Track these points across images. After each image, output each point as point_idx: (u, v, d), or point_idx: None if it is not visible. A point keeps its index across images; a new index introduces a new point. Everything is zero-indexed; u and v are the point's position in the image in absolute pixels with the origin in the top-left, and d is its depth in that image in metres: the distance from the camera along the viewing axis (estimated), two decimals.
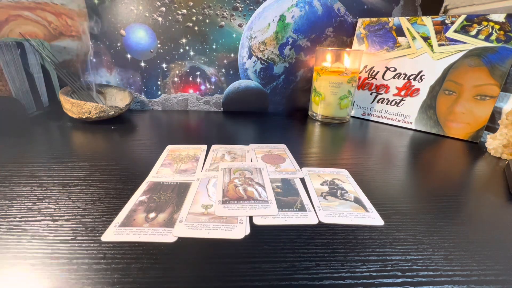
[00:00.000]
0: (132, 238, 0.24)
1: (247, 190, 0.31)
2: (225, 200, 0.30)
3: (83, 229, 0.25)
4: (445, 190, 0.34)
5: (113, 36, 0.60)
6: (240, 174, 0.35)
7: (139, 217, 0.27)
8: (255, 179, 0.34)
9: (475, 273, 0.22)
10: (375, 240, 0.25)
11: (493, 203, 0.32)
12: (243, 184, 0.33)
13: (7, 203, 0.28)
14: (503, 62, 0.47)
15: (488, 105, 0.50)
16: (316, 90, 0.62)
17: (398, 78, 0.59)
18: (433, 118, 0.56)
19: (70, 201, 0.29)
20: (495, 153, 0.46)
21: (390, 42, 0.59)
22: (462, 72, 0.52)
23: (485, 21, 0.49)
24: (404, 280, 0.21)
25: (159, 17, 0.60)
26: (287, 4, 0.61)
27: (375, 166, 0.40)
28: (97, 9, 0.58)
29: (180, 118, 0.62)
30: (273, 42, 0.64)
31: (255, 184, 0.33)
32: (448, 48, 0.53)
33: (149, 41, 0.61)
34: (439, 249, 0.24)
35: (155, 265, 0.21)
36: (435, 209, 0.30)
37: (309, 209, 0.29)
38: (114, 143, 0.46)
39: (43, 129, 0.50)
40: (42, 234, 0.24)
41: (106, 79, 0.63)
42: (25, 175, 0.33)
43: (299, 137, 0.53)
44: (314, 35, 0.64)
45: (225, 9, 0.60)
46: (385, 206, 0.30)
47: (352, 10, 0.64)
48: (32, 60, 0.56)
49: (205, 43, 0.62)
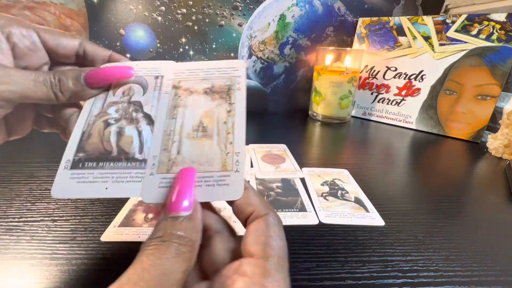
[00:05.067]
0: (132, 238, 0.24)
1: (124, 136, 0.18)
2: (79, 158, 0.17)
3: (82, 229, 0.25)
4: (446, 191, 0.34)
5: (112, 36, 0.60)
6: (125, 94, 0.20)
7: (139, 217, 0.26)
8: (146, 105, 0.19)
9: (476, 274, 0.22)
10: (376, 240, 0.25)
11: (494, 204, 0.32)
12: (121, 120, 0.19)
13: (6, 203, 0.28)
14: (504, 62, 0.47)
15: (489, 105, 0.50)
16: (316, 90, 0.62)
17: (399, 77, 0.59)
18: (434, 118, 0.56)
19: (69, 202, 0.29)
20: (496, 153, 0.46)
21: (390, 41, 0.59)
22: (463, 71, 0.51)
23: (486, 21, 0.48)
24: (404, 280, 0.21)
25: (158, 17, 0.59)
26: (287, 3, 0.61)
27: (375, 166, 0.40)
28: (96, 9, 0.58)
29: None
30: (273, 41, 0.64)
31: (140, 120, 0.19)
32: (449, 47, 0.52)
33: (149, 40, 0.61)
34: (440, 250, 0.24)
35: None
36: (436, 210, 0.30)
37: (309, 210, 0.29)
38: None
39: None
40: (41, 234, 0.24)
41: None
42: (24, 175, 0.33)
43: (299, 137, 0.52)
44: (315, 35, 0.64)
45: (225, 8, 0.60)
46: (386, 207, 0.30)
47: (352, 9, 0.64)
48: None
49: (204, 42, 0.62)
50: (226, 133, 0.18)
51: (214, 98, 0.19)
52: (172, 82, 0.20)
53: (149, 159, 0.17)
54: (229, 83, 0.20)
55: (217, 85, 0.20)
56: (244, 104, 0.19)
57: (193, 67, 0.20)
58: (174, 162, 0.17)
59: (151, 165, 0.17)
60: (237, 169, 0.17)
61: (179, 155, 0.17)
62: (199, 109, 0.19)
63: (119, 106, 0.19)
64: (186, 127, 0.18)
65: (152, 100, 0.19)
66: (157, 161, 0.17)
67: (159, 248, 0.13)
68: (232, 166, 0.17)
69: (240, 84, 0.19)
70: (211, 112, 0.19)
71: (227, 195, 0.16)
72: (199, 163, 0.17)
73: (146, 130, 0.18)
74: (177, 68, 0.21)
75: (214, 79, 0.20)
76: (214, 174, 0.17)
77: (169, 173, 0.17)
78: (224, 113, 0.18)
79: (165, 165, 0.17)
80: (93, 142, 0.18)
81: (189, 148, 0.17)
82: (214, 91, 0.19)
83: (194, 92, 0.19)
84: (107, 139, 0.18)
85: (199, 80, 0.20)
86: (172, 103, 0.19)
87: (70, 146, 0.18)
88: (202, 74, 0.20)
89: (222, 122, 0.18)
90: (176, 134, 0.18)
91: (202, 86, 0.20)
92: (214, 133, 0.18)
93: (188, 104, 0.19)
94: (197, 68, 0.20)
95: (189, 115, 0.19)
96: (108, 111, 0.19)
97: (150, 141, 0.18)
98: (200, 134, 0.18)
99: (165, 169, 0.17)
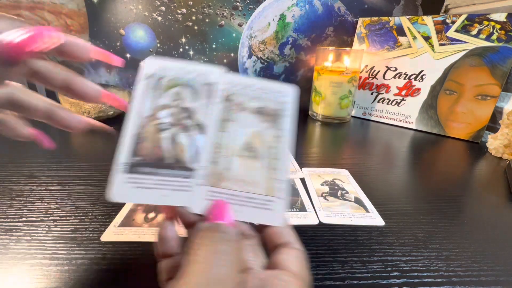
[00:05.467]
0: (132, 238, 0.24)
1: (176, 144, 0.18)
2: (135, 162, 0.17)
3: (82, 229, 0.25)
4: (446, 191, 0.34)
5: (112, 36, 0.60)
6: (175, 96, 0.19)
7: (139, 217, 0.26)
8: (198, 113, 0.19)
9: (475, 274, 0.22)
10: (376, 240, 0.25)
11: (494, 204, 0.32)
12: (174, 126, 0.18)
13: (6, 204, 0.28)
14: (504, 62, 0.47)
15: (489, 105, 0.50)
16: (316, 90, 0.62)
17: (399, 77, 0.59)
18: (434, 118, 0.56)
19: (69, 202, 0.29)
20: (496, 153, 0.46)
21: (390, 41, 0.59)
22: (463, 71, 0.51)
23: (486, 21, 0.48)
24: (404, 281, 0.21)
25: (158, 17, 0.59)
26: (287, 3, 0.61)
27: (375, 166, 0.40)
28: (96, 9, 0.58)
29: None
30: (273, 41, 0.64)
31: (191, 128, 0.18)
32: (449, 47, 0.52)
33: (149, 40, 0.61)
34: (440, 250, 0.24)
35: (155, 265, 0.21)
36: (436, 210, 0.30)
37: (309, 210, 0.29)
38: (114, 143, 0.46)
39: (42, 129, 0.50)
40: (41, 234, 0.24)
41: (105, 79, 0.63)
42: (24, 175, 0.33)
43: (299, 137, 0.52)
44: (315, 35, 0.64)
45: (225, 8, 0.60)
46: (386, 207, 0.30)
47: (352, 9, 0.64)
48: None
49: (204, 42, 0.62)
50: (273, 158, 0.18)
51: (264, 120, 0.19)
52: (224, 93, 0.19)
53: (199, 169, 0.18)
54: (279, 108, 0.19)
55: (268, 107, 0.19)
56: (290, 131, 0.19)
57: (245, 83, 0.20)
58: (222, 176, 0.18)
59: (200, 176, 0.17)
60: (280, 196, 0.17)
61: (227, 171, 0.18)
62: (249, 128, 0.19)
63: (170, 111, 0.18)
64: (235, 143, 0.18)
65: (204, 109, 0.19)
66: (206, 173, 0.18)
67: (211, 250, 0.14)
68: (276, 192, 0.18)
69: (288, 110, 0.19)
70: (260, 134, 0.19)
71: (268, 219, 0.17)
72: (245, 183, 0.18)
73: (197, 139, 0.18)
74: (228, 79, 0.20)
75: (265, 100, 0.20)
76: (259, 196, 0.17)
77: (217, 187, 0.17)
78: (272, 138, 0.19)
79: (213, 178, 0.18)
80: (147, 146, 0.18)
81: (237, 165, 0.18)
82: (264, 112, 0.19)
83: (245, 109, 0.19)
84: (160, 145, 0.18)
85: (250, 98, 0.19)
86: (223, 115, 0.19)
87: (123, 148, 0.17)
88: (252, 93, 0.20)
89: (269, 146, 0.19)
90: (225, 149, 0.18)
91: (253, 104, 0.19)
92: (262, 156, 0.18)
93: (239, 120, 0.19)
94: (248, 85, 0.20)
95: (239, 132, 0.19)
96: (160, 114, 0.18)
97: (201, 151, 0.18)
98: (248, 154, 0.18)
99: (213, 182, 0.17)
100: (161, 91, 0.19)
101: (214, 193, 0.17)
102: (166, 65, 0.19)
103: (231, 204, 0.17)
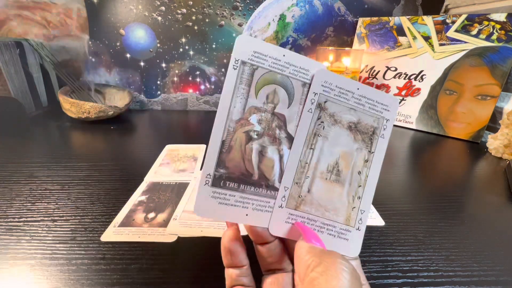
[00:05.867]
0: (132, 238, 0.24)
1: (265, 158, 0.16)
2: (220, 175, 0.16)
3: (82, 229, 0.25)
4: (446, 190, 0.34)
5: (112, 36, 0.60)
6: (269, 98, 0.16)
7: (139, 217, 0.26)
8: (290, 122, 0.17)
9: (476, 274, 0.22)
10: (376, 240, 0.25)
11: (494, 203, 0.32)
12: (263, 136, 0.16)
13: (6, 204, 0.28)
14: (504, 62, 0.47)
15: (489, 105, 0.50)
16: None
17: (398, 77, 0.59)
18: (434, 118, 0.56)
19: (69, 202, 0.29)
20: (496, 153, 0.46)
21: (390, 41, 0.59)
22: (463, 71, 0.51)
23: (486, 21, 0.48)
24: (404, 280, 0.21)
25: (158, 17, 0.59)
26: (287, 3, 0.61)
27: None
28: (96, 9, 0.57)
29: (180, 118, 0.62)
30: (273, 41, 0.64)
31: (283, 141, 0.16)
32: (449, 47, 0.52)
33: (149, 40, 0.61)
34: (440, 250, 0.24)
35: (155, 265, 0.21)
36: (436, 210, 0.30)
37: None
38: (113, 143, 0.46)
39: (42, 129, 0.50)
40: (41, 234, 0.24)
41: (105, 79, 0.63)
42: (24, 175, 0.33)
43: None
44: (315, 35, 0.64)
45: (225, 8, 0.60)
46: (386, 207, 0.30)
47: (352, 9, 0.64)
48: (31, 59, 0.56)
49: (204, 42, 0.62)
50: (358, 185, 0.17)
51: (356, 139, 0.17)
52: (318, 98, 0.16)
53: (280, 189, 0.16)
54: (376, 126, 0.17)
55: (363, 122, 0.17)
56: (382, 157, 0.17)
57: (344, 86, 0.17)
58: (303, 200, 0.16)
59: (281, 196, 0.16)
60: (359, 227, 0.17)
61: (309, 194, 0.16)
62: (339, 147, 0.17)
63: (262, 116, 0.16)
64: (321, 164, 0.17)
65: (296, 117, 0.16)
66: (287, 194, 0.16)
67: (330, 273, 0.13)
68: (355, 223, 0.16)
69: (386, 130, 0.17)
70: (350, 156, 0.17)
71: (344, 250, 0.16)
72: (325, 209, 0.16)
73: (286, 155, 0.16)
74: (327, 78, 0.16)
75: (361, 113, 0.17)
76: (337, 225, 0.16)
77: (297, 210, 0.16)
78: (361, 161, 0.17)
79: (294, 200, 0.16)
80: (234, 157, 0.16)
81: (320, 189, 0.16)
82: (358, 129, 0.17)
83: (338, 122, 0.17)
84: (249, 157, 0.16)
85: (346, 108, 0.17)
86: (313, 128, 0.16)
87: (209, 157, 0.16)
88: (351, 101, 0.17)
89: (356, 171, 0.17)
90: (310, 169, 0.16)
91: (347, 118, 0.17)
92: (347, 181, 0.17)
93: (329, 136, 0.17)
94: (349, 89, 0.17)
95: (327, 151, 0.17)
96: (251, 119, 0.16)
97: (287, 169, 0.16)
98: (333, 177, 0.17)
99: (293, 205, 0.16)
100: (253, 89, 0.16)
101: (294, 216, 0.16)
102: (261, 49, 0.16)
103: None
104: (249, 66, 0.16)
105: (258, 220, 0.16)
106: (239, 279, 0.16)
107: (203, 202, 0.15)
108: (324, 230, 0.16)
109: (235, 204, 0.16)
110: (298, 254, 0.14)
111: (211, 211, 0.15)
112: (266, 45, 0.16)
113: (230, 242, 0.16)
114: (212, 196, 0.15)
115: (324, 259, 0.13)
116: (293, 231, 0.16)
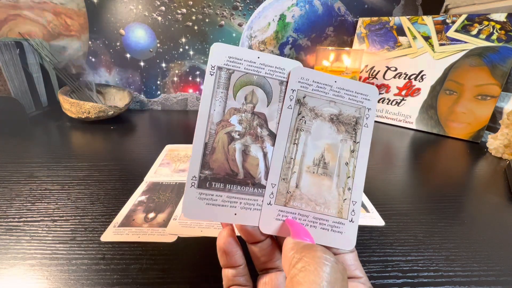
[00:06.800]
0: (132, 238, 0.24)
1: (249, 156, 0.17)
2: (205, 176, 0.16)
3: (82, 229, 0.25)
4: (446, 191, 0.34)
5: (112, 36, 0.60)
6: (247, 98, 0.17)
7: (139, 217, 0.26)
8: (270, 119, 0.17)
9: (476, 274, 0.22)
10: (376, 240, 0.25)
11: (494, 203, 0.32)
12: (245, 135, 0.17)
13: (6, 204, 0.28)
14: (504, 62, 0.47)
15: (489, 105, 0.50)
16: None
17: (399, 77, 0.59)
18: (434, 118, 0.56)
19: (69, 202, 0.29)
20: (496, 153, 0.46)
21: (390, 41, 0.59)
22: (463, 71, 0.51)
23: (486, 21, 0.48)
24: (404, 281, 0.21)
25: (158, 17, 0.59)
26: (287, 3, 0.61)
27: (375, 166, 0.40)
28: (96, 9, 0.57)
29: (180, 118, 0.62)
30: (273, 41, 0.64)
31: (265, 139, 0.17)
32: (449, 47, 0.52)
33: (149, 40, 0.61)
34: (440, 250, 0.24)
35: (155, 265, 0.21)
36: (436, 210, 0.30)
37: None
38: (113, 143, 0.46)
39: (42, 129, 0.50)
40: (41, 234, 0.24)
41: (105, 79, 0.63)
42: (24, 175, 0.33)
43: None
44: (315, 35, 0.64)
45: (225, 8, 0.60)
46: (386, 207, 0.30)
47: (352, 9, 0.64)
48: (31, 59, 0.56)
49: (204, 42, 0.62)
50: (347, 176, 0.17)
51: (339, 130, 0.17)
52: (296, 94, 0.17)
53: (267, 186, 0.16)
54: (358, 116, 0.17)
55: (345, 113, 0.17)
56: (368, 146, 0.17)
57: (321, 80, 0.17)
58: (292, 195, 0.16)
59: (269, 193, 0.16)
60: (352, 219, 0.16)
61: (298, 189, 0.16)
62: (323, 140, 0.17)
63: (242, 117, 0.17)
64: (307, 158, 0.17)
65: (276, 115, 0.17)
66: (275, 191, 0.16)
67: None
68: (348, 214, 0.16)
69: (368, 119, 0.17)
70: (335, 147, 0.17)
71: (338, 243, 0.16)
72: (316, 203, 0.16)
73: (270, 152, 0.16)
74: (303, 74, 0.17)
75: (341, 104, 0.17)
76: (330, 218, 0.16)
77: (287, 206, 0.16)
78: (348, 152, 0.17)
79: (283, 196, 0.16)
80: (218, 158, 0.16)
81: (308, 183, 0.16)
82: (340, 121, 0.17)
83: (319, 116, 0.17)
84: (233, 157, 0.16)
85: (326, 101, 0.17)
86: (294, 123, 0.17)
87: (193, 160, 0.16)
88: (330, 93, 0.17)
89: (343, 162, 0.17)
90: (296, 164, 0.17)
91: (328, 110, 0.17)
92: (335, 173, 0.17)
93: (312, 130, 0.17)
94: (326, 83, 0.17)
95: (311, 145, 0.17)
96: (231, 120, 0.16)
97: (273, 166, 0.16)
98: (320, 171, 0.17)
99: (283, 202, 0.16)
100: (231, 91, 0.16)
101: (284, 213, 0.16)
102: (236, 54, 0.16)
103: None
104: (225, 70, 0.16)
105: (248, 219, 0.16)
106: (235, 279, 0.16)
107: (191, 204, 0.16)
108: (317, 225, 0.16)
109: (223, 204, 0.16)
110: (283, 251, 0.14)
111: (200, 213, 0.16)
112: (240, 50, 0.16)
113: (226, 243, 0.16)
114: (199, 198, 0.16)
115: (304, 255, 0.13)
116: (285, 229, 0.16)
